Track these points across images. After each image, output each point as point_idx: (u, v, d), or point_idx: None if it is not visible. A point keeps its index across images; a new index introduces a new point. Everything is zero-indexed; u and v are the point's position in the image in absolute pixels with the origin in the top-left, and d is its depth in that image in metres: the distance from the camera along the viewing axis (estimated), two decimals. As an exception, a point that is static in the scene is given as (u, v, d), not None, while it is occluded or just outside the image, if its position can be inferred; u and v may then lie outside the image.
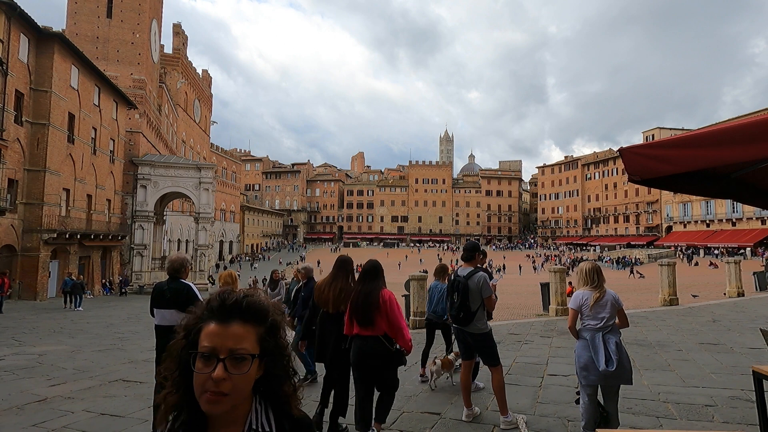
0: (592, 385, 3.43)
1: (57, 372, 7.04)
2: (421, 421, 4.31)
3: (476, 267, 4.25)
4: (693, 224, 60.76)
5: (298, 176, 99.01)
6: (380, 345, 3.54)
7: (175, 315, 3.74)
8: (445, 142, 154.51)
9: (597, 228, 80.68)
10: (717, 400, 4.57)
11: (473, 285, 4.02)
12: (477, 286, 4.02)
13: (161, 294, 3.82)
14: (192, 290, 3.81)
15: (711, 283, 22.00)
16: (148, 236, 34.29)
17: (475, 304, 4.02)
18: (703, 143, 2.13)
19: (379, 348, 3.54)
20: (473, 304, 4.00)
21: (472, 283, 4.03)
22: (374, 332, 3.56)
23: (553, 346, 7.58)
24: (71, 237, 25.40)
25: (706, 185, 3.03)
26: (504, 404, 4.06)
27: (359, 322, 3.59)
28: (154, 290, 3.91)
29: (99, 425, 4.53)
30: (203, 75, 64.34)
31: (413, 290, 10.29)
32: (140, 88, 36.13)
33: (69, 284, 20.37)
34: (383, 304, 3.54)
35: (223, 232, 68.38)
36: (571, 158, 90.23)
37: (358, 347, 3.61)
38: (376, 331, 3.56)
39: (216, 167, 44.23)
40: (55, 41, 23.92)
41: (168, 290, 3.79)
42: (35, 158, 23.10)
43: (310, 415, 4.81)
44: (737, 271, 14.50)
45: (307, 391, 4.56)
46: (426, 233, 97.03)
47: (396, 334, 3.55)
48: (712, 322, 9.60)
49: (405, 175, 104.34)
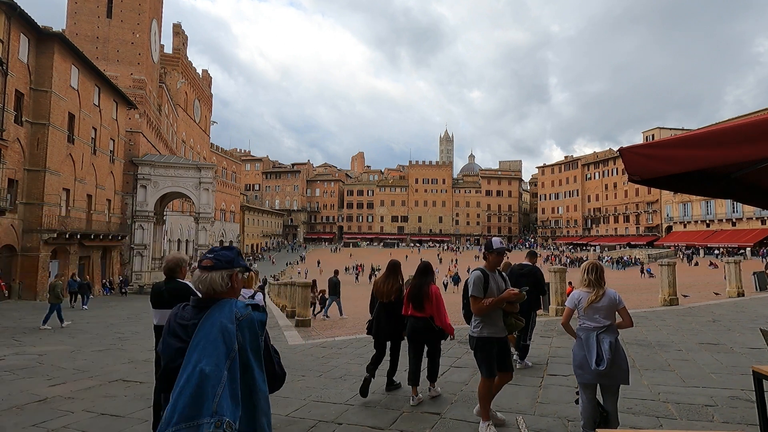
0: (589, 385, 3.43)
1: (57, 372, 7.04)
2: (421, 421, 4.31)
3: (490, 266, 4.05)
4: (693, 224, 60.76)
5: (298, 176, 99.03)
6: (428, 324, 4.76)
7: None
8: (445, 142, 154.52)
9: (597, 228, 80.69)
10: (717, 400, 4.57)
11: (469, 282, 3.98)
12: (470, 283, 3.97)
13: (159, 294, 3.82)
14: (189, 290, 3.70)
15: (711, 283, 22.00)
16: (148, 236, 34.31)
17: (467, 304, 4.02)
18: (703, 143, 2.13)
19: (427, 326, 4.76)
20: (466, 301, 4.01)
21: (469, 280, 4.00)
22: (424, 314, 4.77)
23: (553, 346, 7.58)
24: (71, 237, 25.41)
25: (706, 185, 3.03)
26: (486, 411, 3.91)
27: (413, 307, 4.80)
28: (152, 291, 3.91)
29: (99, 425, 4.53)
30: (203, 75, 64.36)
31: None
32: (140, 88, 36.15)
33: (75, 285, 20.66)
34: (431, 295, 4.75)
35: (223, 232, 68.40)
36: (571, 158, 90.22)
37: (412, 324, 4.86)
38: (425, 314, 4.76)
39: (216, 167, 44.25)
40: (55, 41, 23.93)
41: (165, 291, 3.79)
42: (35, 158, 23.11)
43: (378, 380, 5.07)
44: (737, 271, 14.49)
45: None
46: (426, 233, 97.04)
47: (438, 317, 4.73)
48: (712, 322, 9.60)
49: (405, 175, 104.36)
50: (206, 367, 1.54)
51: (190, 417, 1.48)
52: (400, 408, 4.72)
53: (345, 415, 4.56)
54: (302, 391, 5.45)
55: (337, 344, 8.85)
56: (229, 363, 1.58)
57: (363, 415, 4.57)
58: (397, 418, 4.42)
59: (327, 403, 5.00)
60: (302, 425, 4.34)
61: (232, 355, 1.59)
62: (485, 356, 3.85)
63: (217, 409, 1.50)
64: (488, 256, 3.97)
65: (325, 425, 4.32)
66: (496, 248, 3.90)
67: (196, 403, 1.49)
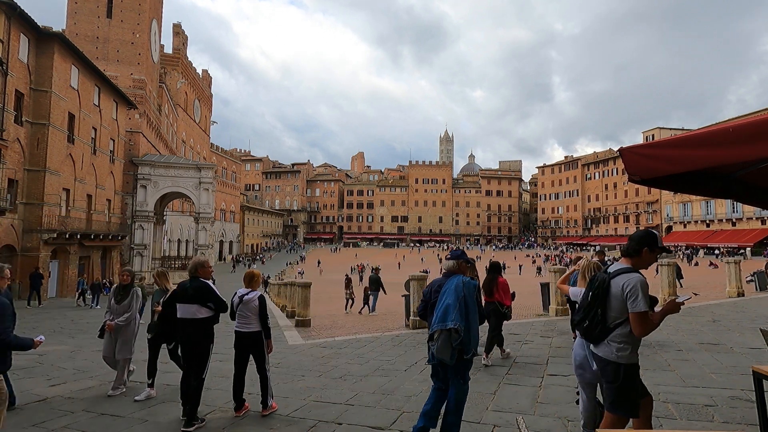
0: (590, 384, 3.42)
1: (57, 372, 7.04)
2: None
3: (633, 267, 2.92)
4: (693, 224, 60.75)
5: (298, 176, 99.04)
6: (496, 306, 6.69)
7: (195, 309, 4.41)
8: (444, 142, 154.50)
9: (597, 228, 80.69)
10: (717, 400, 4.57)
11: (616, 288, 2.83)
12: (620, 291, 2.81)
13: (184, 291, 4.45)
14: (209, 287, 4.48)
15: (711, 283, 22.00)
16: (148, 236, 34.31)
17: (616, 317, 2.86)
18: (703, 143, 2.13)
19: (496, 308, 6.67)
20: (612, 313, 2.86)
21: (615, 284, 2.85)
22: (492, 300, 6.71)
23: (553, 346, 7.58)
24: (71, 237, 25.39)
25: (706, 185, 3.03)
26: None
27: (486, 294, 6.71)
28: (179, 287, 4.55)
29: (99, 425, 4.53)
30: (203, 75, 64.37)
31: (413, 290, 10.28)
32: (140, 88, 36.15)
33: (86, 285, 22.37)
34: (499, 284, 6.76)
35: (223, 232, 68.39)
36: (571, 158, 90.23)
37: (486, 307, 6.40)
38: (494, 299, 6.71)
39: (216, 167, 44.26)
40: (55, 41, 23.92)
41: (190, 288, 4.44)
42: (35, 158, 23.10)
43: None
44: (737, 271, 14.49)
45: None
46: (426, 233, 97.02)
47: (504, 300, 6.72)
48: (712, 322, 9.60)
49: (405, 175, 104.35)
50: (449, 300, 3.56)
51: (443, 320, 3.51)
52: (401, 408, 4.72)
53: (345, 415, 4.56)
54: (302, 391, 5.44)
55: (337, 344, 8.85)
56: (460, 301, 3.54)
57: (363, 415, 4.57)
58: (397, 418, 4.42)
59: (327, 403, 5.00)
60: (302, 425, 4.34)
61: (461, 298, 3.55)
62: (633, 388, 2.93)
63: (453, 319, 3.46)
64: (646, 254, 2.90)
65: (325, 425, 4.32)
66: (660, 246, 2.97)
67: (445, 316, 3.51)
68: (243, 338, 4.71)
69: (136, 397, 5.31)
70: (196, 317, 4.40)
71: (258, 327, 4.71)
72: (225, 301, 4.56)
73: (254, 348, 4.72)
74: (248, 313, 4.69)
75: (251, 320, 4.70)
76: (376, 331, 10.59)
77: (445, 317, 3.51)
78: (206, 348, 4.46)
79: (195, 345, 4.42)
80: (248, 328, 4.69)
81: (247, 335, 4.69)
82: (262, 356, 4.72)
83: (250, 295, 4.72)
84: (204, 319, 4.43)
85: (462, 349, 3.45)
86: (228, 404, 4.92)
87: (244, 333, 4.70)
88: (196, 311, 4.39)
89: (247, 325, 4.69)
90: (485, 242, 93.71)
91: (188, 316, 4.41)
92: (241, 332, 4.71)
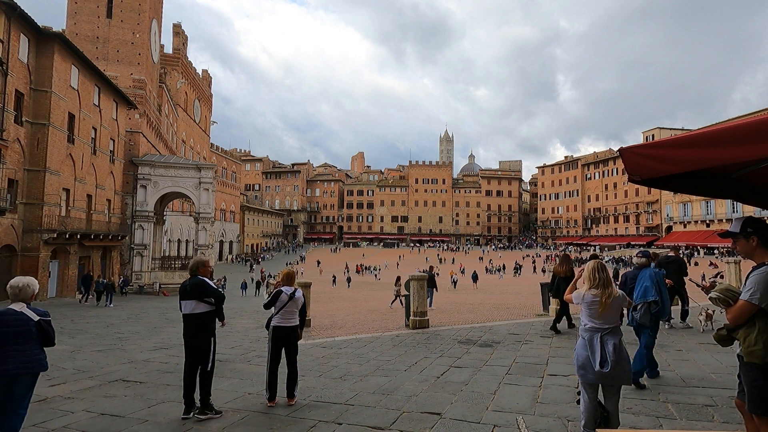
0: (591, 385, 3.42)
1: (57, 372, 7.03)
2: (421, 421, 4.32)
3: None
4: (693, 224, 60.74)
5: (298, 176, 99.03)
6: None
7: (194, 304, 4.63)
8: (445, 142, 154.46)
9: (597, 228, 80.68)
10: (717, 400, 4.57)
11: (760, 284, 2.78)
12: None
13: (184, 288, 4.70)
14: (206, 283, 4.69)
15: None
16: (148, 236, 34.28)
17: None
18: (703, 143, 2.13)
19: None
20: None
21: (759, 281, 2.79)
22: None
23: (553, 346, 7.58)
24: (71, 237, 25.39)
25: (706, 185, 3.03)
26: None
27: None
28: (181, 286, 4.79)
29: (99, 425, 4.53)
30: (203, 75, 64.35)
31: (413, 290, 10.28)
32: (140, 88, 36.12)
33: (101, 285, 22.75)
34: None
35: (223, 232, 68.39)
36: (571, 158, 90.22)
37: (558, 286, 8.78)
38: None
39: (216, 167, 44.26)
40: (55, 41, 23.91)
41: (188, 285, 4.69)
42: (35, 158, 23.09)
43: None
44: (737, 271, 14.47)
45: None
46: (426, 233, 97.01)
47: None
48: (712, 322, 9.58)
49: (405, 175, 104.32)
50: (647, 283, 5.22)
51: (644, 296, 5.18)
52: (401, 408, 4.72)
53: (345, 415, 4.56)
54: (302, 391, 5.45)
55: (337, 344, 8.85)
56: (654, 283, 5.20)
57: (363, 415, 4.57)
58: (397, 418, 4.42)
59: (327, 403, 5.01)
60: (302, 425, 4.34)
61: (655, 281, 5.20)
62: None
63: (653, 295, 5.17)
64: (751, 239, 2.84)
65: (325, 425, 4.32)
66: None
67: (645, 293, 5.20)
68: (284, 332, 5.02)
69: None
70: (195, 312, 4.64)
71: (297, 321, 5.10)
72: (221, 292, 4.84)
73: (290, 341, 5.05)
74: (295, 309, 5.06)
75: (295, 315, 5.07)
76: (376, 331, 10.59)
77: (645, 294, 5.15)
78: (206, 340, 4.67)
79: (195, 338, 4.65)
80: (291, 323, 5.06)
81: (290, 329, 5.04)
82: (296, 349, 5.10)
83: (298, 293, 5.09)
84: (202, 314, 4.67)
85: (657, 314, 5.16)
86: (228, 404, 4.95)
87: (287, 327, 5.03)
88: (195, 306, 4.63)
89: (290, 320, 5.06)
90: (485, 242, 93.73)
91: (189, 312, 4.68)
92: (284, 327, 5.02)
